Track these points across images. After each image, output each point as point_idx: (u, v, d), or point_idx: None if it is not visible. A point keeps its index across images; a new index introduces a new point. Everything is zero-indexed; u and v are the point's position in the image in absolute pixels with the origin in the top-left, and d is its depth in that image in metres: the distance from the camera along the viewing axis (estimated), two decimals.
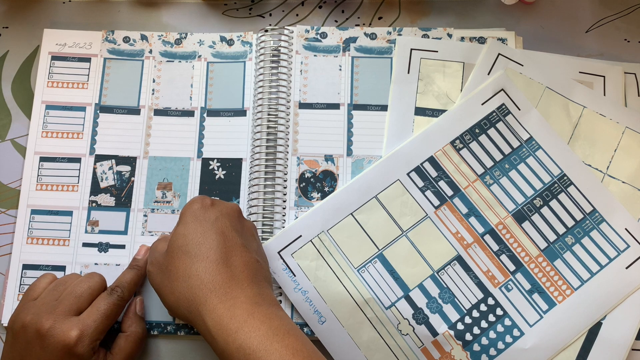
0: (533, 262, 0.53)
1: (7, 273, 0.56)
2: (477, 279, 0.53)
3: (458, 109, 0.56)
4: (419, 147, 0.55)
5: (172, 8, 0.64)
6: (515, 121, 0.56)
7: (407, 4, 0.64)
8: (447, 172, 0.55)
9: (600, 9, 0.64)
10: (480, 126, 0.56)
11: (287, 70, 0.60)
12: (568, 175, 0.55)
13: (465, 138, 0.56)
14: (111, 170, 0.59)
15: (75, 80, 0.61)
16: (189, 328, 0.54)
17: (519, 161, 0.55)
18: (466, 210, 0.54)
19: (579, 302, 0.52)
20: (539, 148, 0.56)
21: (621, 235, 0.54)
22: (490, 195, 0.54)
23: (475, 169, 0.55)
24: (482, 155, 0.55)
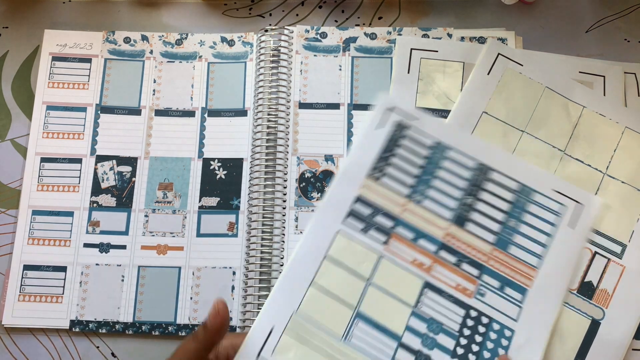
0: (491, 258, 0.52)
1: (7, 273, 0.56)
2: (451, 297, 0.51)
3: (361, 141, 0.54)
4: (341, 191, 0.53)
5: (172, 8, 0.64)
6: (415, 133, 0.54)
7: (407, 4, 0.64)
8: (378, 206, 0.52)
9: (601, 9, 0.64)
10: (387, 150, 0.54)
11: (287, 70, 0.60)
12: (484, 162, 0.54)
13: (379, 166, 0.54)
14: (112, 171, 0.59)
15: (76, 81, 0.61)
16: (191, 329, 0.54)
17: (435, 168, 0.54)
18: (412, 234, 0.52)
19: (546, 278, 0.52)
20: (448, 148, 0.54)
21: (552, 197, 0.54)
22: (425, 212, 0.53)
23: (401, 192, 0.53)
24: (401, 177, 0.54)
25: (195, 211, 0.57)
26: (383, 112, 0.55)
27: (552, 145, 0.58)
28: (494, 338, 0.50)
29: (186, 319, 0.54)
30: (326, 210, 0.52)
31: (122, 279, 0.56)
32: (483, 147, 0.55)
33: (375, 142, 0.54)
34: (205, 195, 0.58)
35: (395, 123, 0.54)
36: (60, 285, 0.56)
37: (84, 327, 0.55)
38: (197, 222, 0.57)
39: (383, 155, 0.54)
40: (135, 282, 0.56)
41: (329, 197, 0.53)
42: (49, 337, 0.55)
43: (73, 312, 0.55)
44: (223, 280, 0.55)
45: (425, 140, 0.54)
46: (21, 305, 0.55)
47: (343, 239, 0.51)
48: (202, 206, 0.58)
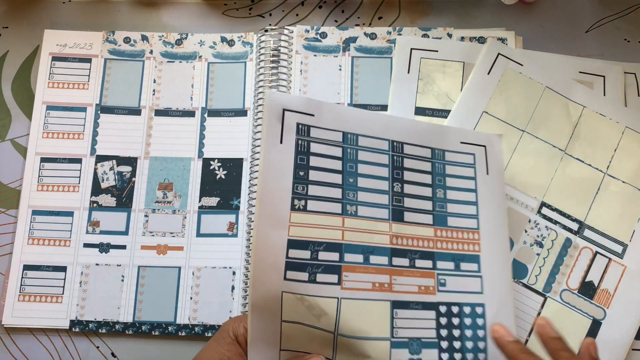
0: (437, 241, 0.49)
1: (7, 273, 0.56)
2: (418, 304, 0.47)
3: (266, 169, 0.44)
4: (268, 241, 0.43)
5: (172, 8, 0.64)
6: (319, 130, 0.47)
7: (407, 4, 0.64)
8: (314, 240, 0.44)
9: (600, 9, 0.64)
10: (299, 166, 0.45)
11: (287, 70, 0.60)
12: (392, 139, 0.49)
13: (299, 190, 0.45)
14: (112, 171, 0.59)
15: (76, 81, 0.61)
16: (190, 329, 0.54)
17: (354, 165, 0.48)
18: (361, 256, 0.46)
19: (489, 234, 0.51)
20: (356, 136, 0.48)
21: (462, 150, 0.52)
22: (364, 222, 0.47)
23: (334, 210, 0.46)
24: (327, 192, 0.46)
25: (195, 211, 0.57)
26: (277, 119, 0.45)
27: (552, 145, 0.58)
28: (469, 323, 0.49)
29: (186, 319, 0.54)
30: (262, 271, 0.42)
31: (122, 279, 0.56)
32: (386, 121, 0.50)
33: (284, 162, 0.45)
34: (205, 195, 0.58)
35: (296, 129, 0.45)
36: (60, 285, 0.56)
37: (84, 327, 0.55)
38: (197, 222, 0.57)
39: (298, 174, 0.45)
40: (135, 282, 0.56)
41: (256, 254, 0.42)
42: (49, 337, 0.55)
43: (73, 312, 0.55)
44: (223, 280, 0.55)
45: (332, 136, 0.47)
46: (21, 305, 0.55)
47: (291, 298, 0.43)
48: (202, 206, 0.57)
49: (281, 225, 0.44)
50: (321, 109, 0.47)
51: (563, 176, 0.57)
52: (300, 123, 0.46)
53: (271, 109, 0.45)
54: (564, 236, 0.56)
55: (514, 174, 0.57)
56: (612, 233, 0.56)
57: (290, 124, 0.45)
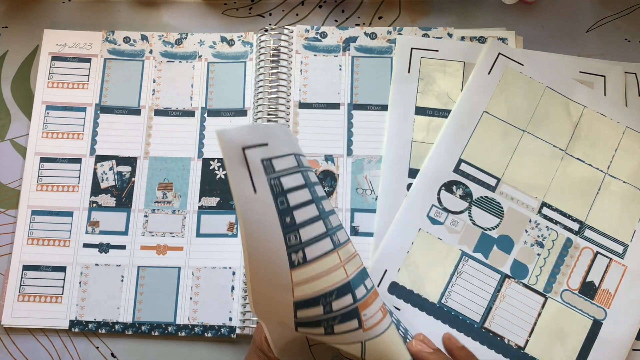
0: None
1: (7, 273, 0.56)
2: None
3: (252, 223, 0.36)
4: (266, 302, 0.38)
5: (172, 7, 0.64)
6: (280, 161, 0.38)
7: (407, 4, 0.64)
8: (325, 292, 0.38)
9: (601, 9, 0.64)
10: (281, 212, 0.37)
11: (287, 70, 0.60)
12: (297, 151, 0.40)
13: (292, 242, 0.37)
14: (112, 171, 0.59)
15: (76, 81, 0.61)
16: (190, 329, 0.54)
17: (313, 188, 0.39)
18: (362, 286, 0.40)
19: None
20: (299, 156, 0.40)
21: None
22: (347, 247, 0.40)
23: (327, 249, 0.38)
24: (314, 230, 0.38)
25: (195, 211, 0.57)
26: (241, 163, 0.35)
27: (553, 144, 0.58)
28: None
29: (186, 319, 0.54)
30: (271, 327, 0.40)
31: (122, 279, 0.56)
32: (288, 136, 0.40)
33: (266, 213, 0.36)
34: (205, 195, 0.58)
35: (263, 167, 0.36)
36: (59, 286, 0.55)
37: (84, 328, 0.54)
38: (196, 222, 0.57)
39: (285, 222, 0.36)
40: (134, 282, 0.55)
41: (260, 314, 0.38)
42: (49, 337, 0.55)
43: (72, 313, 0.55)
44: (223, 280, 0.55)
45: (289, 163, 0.38)
46: (21, 306, 0.55)
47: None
48: (202, 206, 0.57)
49: (283, 288, 0.37)
50: (270, 133, 0.38)
51: (564, 176, 0.57)
52: (264, 159, 0.37)
53: (231, 153, 0.35)
54: (565, 236, 0.56)
55: (514, 174, 0.57)
56: (613, 233, 0.56)
57: (255, 164, 0.36)
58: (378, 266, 0.54)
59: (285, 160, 0.38)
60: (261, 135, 0.37)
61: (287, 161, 0.38)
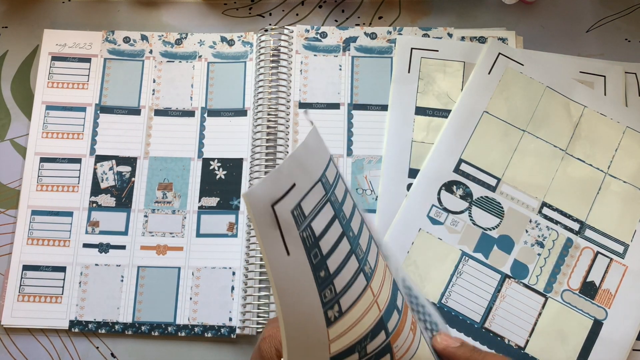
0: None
1: (6, 273, 0.56)
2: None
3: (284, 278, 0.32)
4: None
5: (171, 8, 0.64)
6: (309, 201, 0.33)
7: (407, 4, 0.64)
8: (359, 339, 0.35)
9: (601, 9, 0.64)
10: (316, 267, 0.33)
11: (287, 70, 0.60)
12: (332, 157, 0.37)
13: (327, 297, 0.34)
14: (112, 171, 0.58)
15: (76, 81, 0.61)
16: (190, 329, 0.54)
17: (341, 211, 0.35)
18: (395, 312, 0.37)
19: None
20: (323, 172, 0.35)
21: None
22: (378, 271, 0.37)
23: (360, 289, 0.35)
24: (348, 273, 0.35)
25: (195, 211, 0.57)
26: (272, 225, 0.31)
27: (553, 144, 0.58)
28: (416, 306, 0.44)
29: (185, 320, 0.54)
30: None
31: (122, 279, 0.55)
32: (315, 140, 0.35)
33: (300, 274, 0.32)
34: (205, 195, 0.58)
35: (294, 220, 0.32)
36: (59, 286, 0.55)
37: (84, 328, 0.54)
38: (196, 222, 0.57)
39: (319, 278, 0.33)
40: (134, 282, 0.55)
41: None
42: (49, 337, 0.55)
43: (72, 313, 0.55)
44: (223, 280, 0.55)
45: (317, 196, 0.34)
46: (20, 306, 0.55)
47: None
48: (202, 206, 0.57)
49: (320, 347, 0.34)
50: (295, 169, 0.33)
51: (564, 176, 0.57)
52: (293, 210, 0.32)
53: (261, 216, 0.30)
54: (565, 236, 0.56)
55: (514, 174, 0.57)
56: (613, 233, 0.56)
57: (286, 220, 0.32)
58: None
59: (314, 194, 0.34)
60: (287, 176, 0.32)
61: (316, 194, 0.34)
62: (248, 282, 0.55)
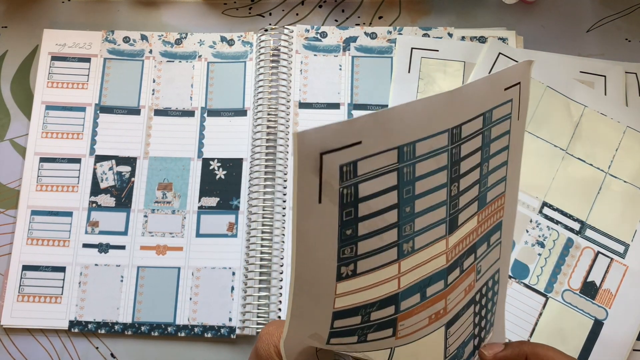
0: (478, 228, 0.40)
1: (6, 274, 0.56)
2: (464, 307, 0.41)
3: (300, 244, 0.32)
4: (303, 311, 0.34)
5: (171, 7, 0.64)
6: (369, 161, 0.32)
7: (407, 4, 0.64)
8: (367, 303, 0.35)
9: (601, 9, 0.64)
10: (346, 224, 0.32)
11: (287, 70, 0.60)
12: (451, 126, 0.35)
13: (346, 255, 0.33)
14: (111, 171, 0.58)
15: (75, 81, 0.61)
16: (190, 329, 0.54)
17: (411, 188, 0.34)
18: (417, 295, 0.36)
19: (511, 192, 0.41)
20: (413, 145, 0.33)
21: (504, 100, 0.39)
22: (421, 254, 0.36)
23: (389, 259, 0.34)
24: (378, 242, 0.34)
25: (195, 211, 0.57)
26: (313, 170, 0.30)
27: (554, 144, 0.58)
28: (490, 296, 0.44)
29: (185, 320, 0.54)
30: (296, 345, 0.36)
31: (122, 279, 0.55)
32: (443, 103, 0.34)
33: (325, 225, 0.32)
34: (204, 195, 0.58)
35: (339, 175, 0.31)
36: (59, 286, 0.55)
37: (83, 328, 0.54)
38: (196, 223, 0.57)
39: (344, 235, 0.32)
40: (134, 282, 0.55)
41: (292, 329, 0.35)
42: (48, 337, 0.55)
43: (72, 313, 0.55)
44: (222, 280, 0.55)
45: (386, 161, 0.33)
46: (20, 306, 0.55)
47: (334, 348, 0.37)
48: (202, 206, 0.57)
49: (325, 300, 0.34)
50: (370, 128, 0.31)
51: (564, 176, 0.57)
52: (344, 165, 0.31)
53: (305, 159, 0.29)
54: (566, 236, 0.56)
55: None
56: (614, 233, 0.56)
57: (331, 171, 0.30)
58: None
59: (381, 158, 0.32)
60: (356, 132, 0.31)
61: (384, 159, 0.32)
62: (248, 282, 0.55)
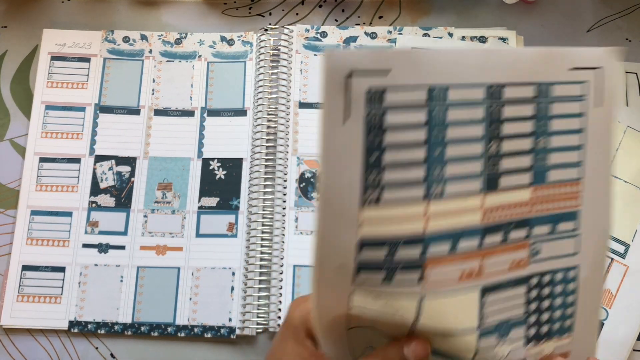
0: (534, 204, 0.40)
1: (6, 274, 0.56)
2: (511, 282, 0.40)
3: (326, 161, 0.33)
4: (334, 244, 0.36)
5: (171, 7, 0.64)
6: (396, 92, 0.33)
7: (407, 3, 0.64)
8: (391, 237, 0.36)
9: (602, 9, 0.63)
10: (371, 149, 0.34)
11: (287, 70, 0.60)
12: (489, 82, 0.36)
13: (371, 180, 0.35)
14: (111, 171, 0.58)
15: (75, 81, 0.61)
16: (189, 330, 0.54)
17: (443, 130, 0.35)
18: (448, 245, 0.38)
19: (595, 183, 0.41)
20: (445, 89, 0.35)
21: (571, 79, 0.39)
22: (452, 202, 0.37)
23: (416, 196, 0.35)
24: (407, 175, 0.35)
25: (195, 211, 0.57)
26: (339, 89, 0.32)
27: None
28: (559, 291, 0.42)
29: (185, 320, 0.54)
30: (325, 278, 0.37)
31: (121, 279, 0.55)
32: (483, 58, 0.36)
33: (349, 146, 0.33)
34: (204, 195, 0.58)
35: (366, 99, 0.32)
36: (59, 286, 0.55)
37: (83, 328, 0.54)
38: (196, 223, 0.57)
39: (369, 160, 0.34)
40: (134, 282, 0.55)
41: (320, 258, 0.36)
42: (48, 337, 0.55)
43: (72, 313, 0.55)
44: (222, 280, 0.55)
45: (415, 96, 0.34)
46: (20, 306, 0.55)
47: (361, 298, 0.38)
48: (202, 206, 0.57)
49: (349, 225, 0.35)
50: (400, 59, 0.33)
51: None
52: (372, 88, 0.32)
53: (331, 78, 0.31)
54: None
55: None
56: (614, 233, 0.56)
57: (357, 93, 0.32)
58: None
59: (410, 92, 0.33)
60: (387, 59, 0.32)
61: (413, 94, 0.33)
62: (248, 282, 0.55)
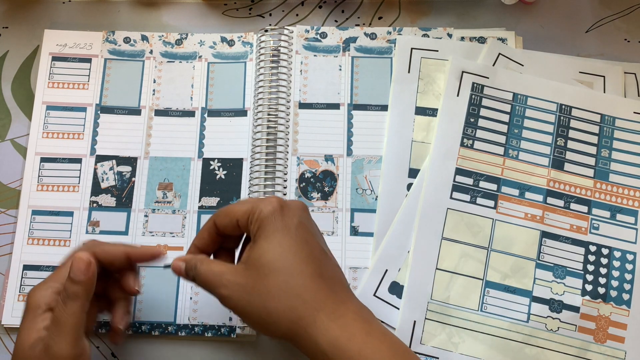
0: (595, 191, 0.55)
1: (7, 273, 0.56)
2: (569, 239, 0.53)
3: (443, 114, 0.57)
4: (441, 168, 0.55)
5: (172, 8, 0.64)
6: (492, 89, 0.57)
7: (407, 4, 0.64)
8: (478, 172, 0.55)
9: (601, 9, 0.64)
10: (471, 114, 0.57)
11: (287, 70, 0.60)
12: (561, 102, 0.57)
13: (468, 132, 0.56)
14: (112, 171, 0.59)
15: (76, 81, 0.61)
16: (190, 329, 0.54)
17: (521, 120, 0.57)
18: (517, 191, 0.55)
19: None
20: (526, 97, 0.57)
21: (636, 119, 0.57)
22: (524, 165, 0.55)
23: (497, 151, 0.56)
24: (492, 137, 0.56)
25: (195, 211, 0.57)
26: (457, 78, 0.58)
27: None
28: (617, 266, 0.53)
29: (186, 319, 0.54)
30: (431, 192, 0.55)
31: None
32: (557, 88, 0.57)
33: (459, 111, 0.57)
34: (205, 195, 0.58)
35: (471, 87, 0.57)
36: None
37: None
38: (197, 222, 0.57)
39: (469, 120, 0.56)
40: None
41: (430, 177, 0.55)
42: None
43: None
44: None
45: (503, 95, 0.57)
46: (21, 305, 0.55)
47: (455, 214, 0.54)
48: (202, 206, 0.57)
49: (451, 157, 0.56)
50: (496, 73, 0.58)
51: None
52: (475, 82, 0.57)
53: (453, 70, 0.58)
54: None
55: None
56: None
57: (466, 82, 0.57)
58: (378, 266, 0.54)
59: (498, 92, 0.57)
60: (485, 71, 0.58)
61: (501, 93, 0.57)
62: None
